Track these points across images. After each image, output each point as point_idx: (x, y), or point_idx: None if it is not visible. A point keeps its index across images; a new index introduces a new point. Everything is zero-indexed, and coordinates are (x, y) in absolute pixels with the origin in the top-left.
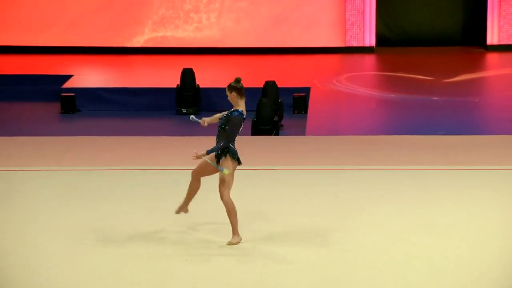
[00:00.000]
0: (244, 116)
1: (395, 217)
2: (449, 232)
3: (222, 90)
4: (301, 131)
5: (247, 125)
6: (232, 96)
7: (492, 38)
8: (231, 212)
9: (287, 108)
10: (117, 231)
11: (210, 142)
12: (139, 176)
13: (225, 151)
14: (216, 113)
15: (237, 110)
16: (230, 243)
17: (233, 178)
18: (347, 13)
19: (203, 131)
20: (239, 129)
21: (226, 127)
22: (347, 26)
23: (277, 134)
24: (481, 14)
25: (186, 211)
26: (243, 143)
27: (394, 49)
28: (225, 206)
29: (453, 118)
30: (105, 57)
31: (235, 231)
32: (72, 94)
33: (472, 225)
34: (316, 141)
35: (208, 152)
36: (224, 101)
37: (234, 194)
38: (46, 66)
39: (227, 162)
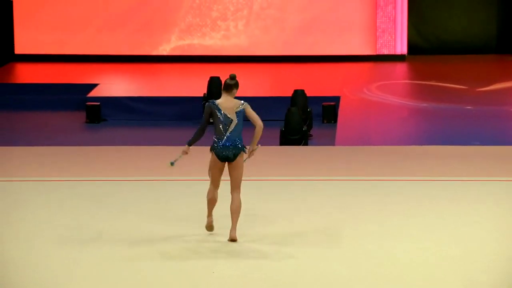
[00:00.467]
0: (212, 101)
1: (428, 229)
2: (482, 245)
3: (250, 99)
4: (331, 141)
5: (275, 135)
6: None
7: None
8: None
9: (316, 118)
10: (143, 243)
11: None
12: (165, 186)
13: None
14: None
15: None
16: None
17: (213, 168)
18: (378, 20)
19: None
20: (205, 115)
21: None
22: (378, 34)
23: (306, 144)
24: None
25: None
26: (271, 153)
27: (427, 57)
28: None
29: (487, 127)
30: (131, 65)
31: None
32: (98, 103)
33: (507, 240)
34: (346, 151)
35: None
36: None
37: (261, 205)
38: (71, 74)
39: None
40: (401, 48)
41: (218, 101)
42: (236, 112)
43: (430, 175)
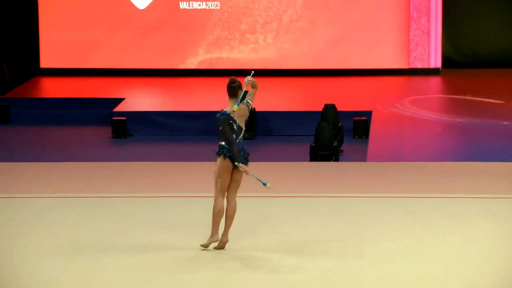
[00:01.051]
0: (227, 113)
1: (460, 248)
2: None
3: (279, 114)
4: (362, 157)
5: (305, 150)
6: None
7: None
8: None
9: (347, 133)
10: (169, 261)
11: (267, 167)
12: (192, 203)
13: (219, 151)
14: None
15: (220, 111)
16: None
17: (224, 176)
18: (411, 33)
19: (258, 157)
20: (227, 128)
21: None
22: (411, 47)
23: (336, 160)
24: None
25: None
26: (301, 169)
27: (461, 71)
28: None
29: None
30: (158, 79)
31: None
32: (124, 118)
33: None
34: (378, 167)
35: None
36: (281, 125)
37: (291, 223)
38: (97, 89)
39: (218, 160)
40: (435, 61)
41: (229, 111)
42: (245, 120)
43: (464, 192)
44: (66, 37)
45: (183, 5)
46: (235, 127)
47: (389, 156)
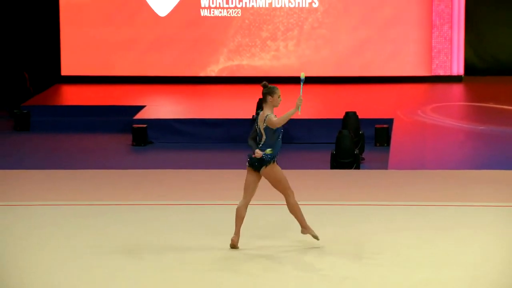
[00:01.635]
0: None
1: (482, 257)
2: None
3: (300, 122)
4: (384, 165)
5: (326, 158)
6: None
7: None
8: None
9: (369, 140)
10: (190, 271)
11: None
12: (214, 211)
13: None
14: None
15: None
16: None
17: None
18: (433, 40)
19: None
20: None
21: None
22: (433, 54)
23: (357, 167)
24: None
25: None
26: (322, 177)
27: (484, 78)
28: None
29: None
30: (178, 87)
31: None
32: (144, 126)
33: None
34: (399, 175)
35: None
36: (302, 133)
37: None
38: (117, 96)
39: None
40: (458, 69)
41: (260, 112)
42: (263, 129)
43: (487, 201)
44: (87, 44)
45: (204, 13)
46: (257, 128)
47: (410, 164)
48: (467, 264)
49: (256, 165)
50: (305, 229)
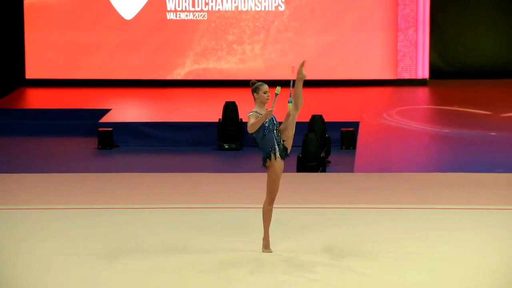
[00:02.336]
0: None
1: (447, 260)
2: (509, 276)
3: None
4: (350, 168)
5: (292, 161)
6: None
7: None
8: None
9: (335, 144)
10: (156, 274)
11: (254, 178)
12: (179, 215)
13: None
14: (258, 149)
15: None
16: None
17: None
18: (398, 44)
19: (245, 168)
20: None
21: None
22: (398, 57)
23: (323, 171)
24: None
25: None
26: (288, 180)
27: (449, 82)
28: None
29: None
30: (145, 90)
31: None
32: (110, 129)
33: None
34: (365, 178)
35: None
36: None
37: (277, 234)
38: (83, 100)
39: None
40: (423, 72)
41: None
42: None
43: (452, 203)
44: (52, 47)
45: (170, 16)
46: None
47: (376, 167)
48: (436, 267)
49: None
50: (264, 239)
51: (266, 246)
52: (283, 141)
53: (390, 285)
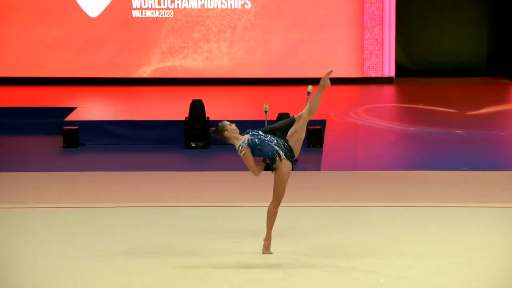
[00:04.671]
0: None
1: (414, 257)
2: (472, 273)
3: (233, 123)
4: (316, 166)
5: (259, 159)
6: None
7: None
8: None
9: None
10: (122, 273)
11: (221, 176)
12: (145, 213)
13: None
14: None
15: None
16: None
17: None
18: (365, 42)
19: (213, 167)
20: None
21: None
22: (365, 56)
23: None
24: (507, 43)
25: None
26: (255, 178)
27: (415, 80)
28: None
29: (478, 152)
30: (110, 88)
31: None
32: (75, 127)
33: (496, 266)
34: (332, 176)
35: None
36: None
37: (246, 232)
38: (48, 98)
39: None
40: (389, 70)
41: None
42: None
43: (418, 201)
44: (16, 45)
45: (135, 14)
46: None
47: (343, 165)
48: (398, 264)
49: None
50: (266, 240)
51: (267, 248)
52: (290, 145)
53: (355, 281)
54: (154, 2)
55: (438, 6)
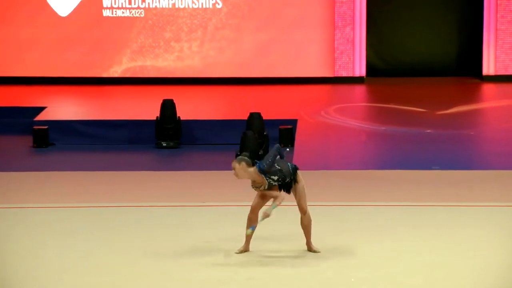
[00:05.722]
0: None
1: (385, 256)
2: (442, 272)
3: (204, 123)
4: None
5: (230, 159)
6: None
7: (488, 68)
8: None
9: (273, 141)
10: (92, 272)
11: (192, 176)
12: (116, 213)
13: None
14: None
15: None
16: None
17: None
18: (336, 42)
19: (183, 166)
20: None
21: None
22: (336, 55)
23: None
24: (477, 43)
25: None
26: (226, 178)
27: (386, 80)
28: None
29: (448, 152)
30: (81, 88)
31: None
32: (45, 127)
33: (466, 265)
34: (303, 175)
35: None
36: (206, 134)
37: (218, 233)
38: (17, 97)
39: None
40: (360, 70)
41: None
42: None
43: (389, 200)
44: None
45: (106, 13)
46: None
47: (314, 164)
48: (369, 264)
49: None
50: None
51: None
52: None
53: (325, 281)
54: (125, 1)
55: (409, 6)
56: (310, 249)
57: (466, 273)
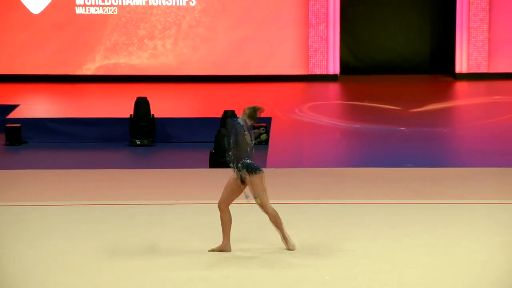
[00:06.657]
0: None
1: (361, 255)
2: (418, 270)
3: (178, 120)
4: (262, 163)
5: (204, 157)
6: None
7: (461, 66)
8: (277, 219)
9: None
10: (66, 270)
11: (166, 174)
12: (89, 211)
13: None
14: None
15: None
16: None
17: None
18: (310, 40)
19: (157, 164)
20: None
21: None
22: (310, 53)
23: None
24: (450, 41)
25: (229, 249)
26: (200, 176)
27: (359, 77)
28: (272, 215)
29: (421, 149)
30: (54, 85)
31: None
32: (18, 125)
33: (439, 263)
34: (277, 174)
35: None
36: (181, 132)
37: (193, 230)
38: None
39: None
40: (334, 68)
41: (242, 122)
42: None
43: (362, 198)
44: None
45: (79, 10)
46: (247, 137)
47: (288, 162)
48: (343, 261)
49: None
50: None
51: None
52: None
53: (299, 279)
54: None
55: (382, 4)
56: (285, 245)
57: (438, 272)
